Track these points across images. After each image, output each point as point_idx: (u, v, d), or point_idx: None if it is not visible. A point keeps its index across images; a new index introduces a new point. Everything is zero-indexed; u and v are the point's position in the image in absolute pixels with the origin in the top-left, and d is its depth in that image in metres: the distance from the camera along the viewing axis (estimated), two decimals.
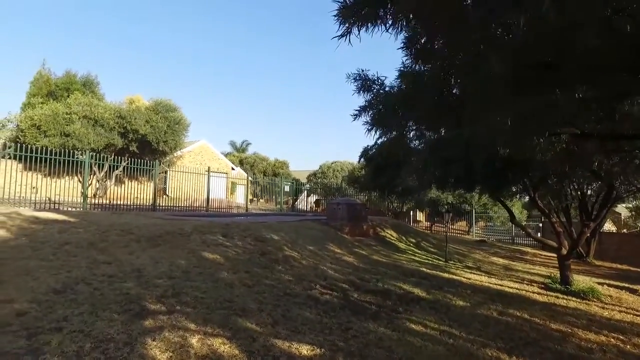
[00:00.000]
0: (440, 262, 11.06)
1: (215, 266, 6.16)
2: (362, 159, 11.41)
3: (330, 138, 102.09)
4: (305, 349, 3.86)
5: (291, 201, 30.79)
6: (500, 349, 4.65)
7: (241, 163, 40.77)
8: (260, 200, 31.49)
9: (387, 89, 5.27)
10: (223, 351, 3.55)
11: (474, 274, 9.87)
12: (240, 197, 29.96)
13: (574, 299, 8.03)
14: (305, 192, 30.18)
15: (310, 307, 5.22)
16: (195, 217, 11.03)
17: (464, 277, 9.09)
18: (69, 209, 11.16)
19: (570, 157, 6.83)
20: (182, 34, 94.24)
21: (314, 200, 31.19)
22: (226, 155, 33.18)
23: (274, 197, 32.72)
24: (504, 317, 6.08)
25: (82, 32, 78.68)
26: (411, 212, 29.30)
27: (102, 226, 7.47)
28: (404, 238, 13.38)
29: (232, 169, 30.41)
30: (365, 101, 5.32)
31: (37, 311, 3.75)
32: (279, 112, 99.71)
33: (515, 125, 3.83)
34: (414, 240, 13.61)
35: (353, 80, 5.21)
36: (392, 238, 12.76)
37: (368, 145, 10.80)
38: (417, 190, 23.08)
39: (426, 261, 10.72)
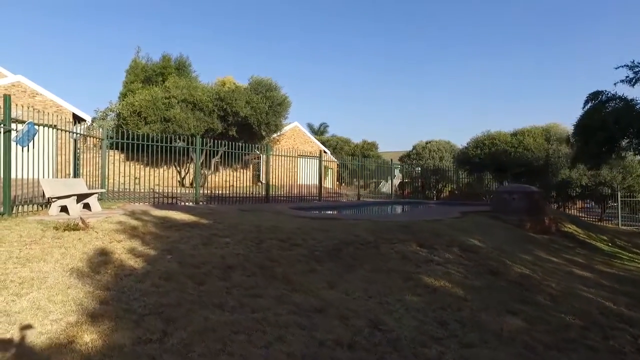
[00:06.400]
0: None
1: (459, 303, 3.82)
2: (575, 131, 8.48)
3: (416, 118, 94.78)
4: None
5: (373, 185, 28.27)
6: None
7: (323, 146, 38.68)
8: (342, 184, 29.11)
9: None
10: None
11: None
12: (329, 182, 27.87)
13: None
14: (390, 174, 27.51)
15: None
16: (325, 210, 8.98)
17: None
18: (184, 203, 9.56)
19: None
20: (257, 15, 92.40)
21: (398, 183, 28.26)
22: None
23: (364, 181, 30.21)
24: None
25: (169, 17, 79.94)
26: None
27: (248, 232, 5.55)
28: (592, 235, 10.19)
29: (324, 152, 28.40)
30: None
31: None
32: (355, 92, 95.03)
33: None
34: (604, 237, 10.35)
35: None
36: (580, 235, 9.68)
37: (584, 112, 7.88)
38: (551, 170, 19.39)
39: None
